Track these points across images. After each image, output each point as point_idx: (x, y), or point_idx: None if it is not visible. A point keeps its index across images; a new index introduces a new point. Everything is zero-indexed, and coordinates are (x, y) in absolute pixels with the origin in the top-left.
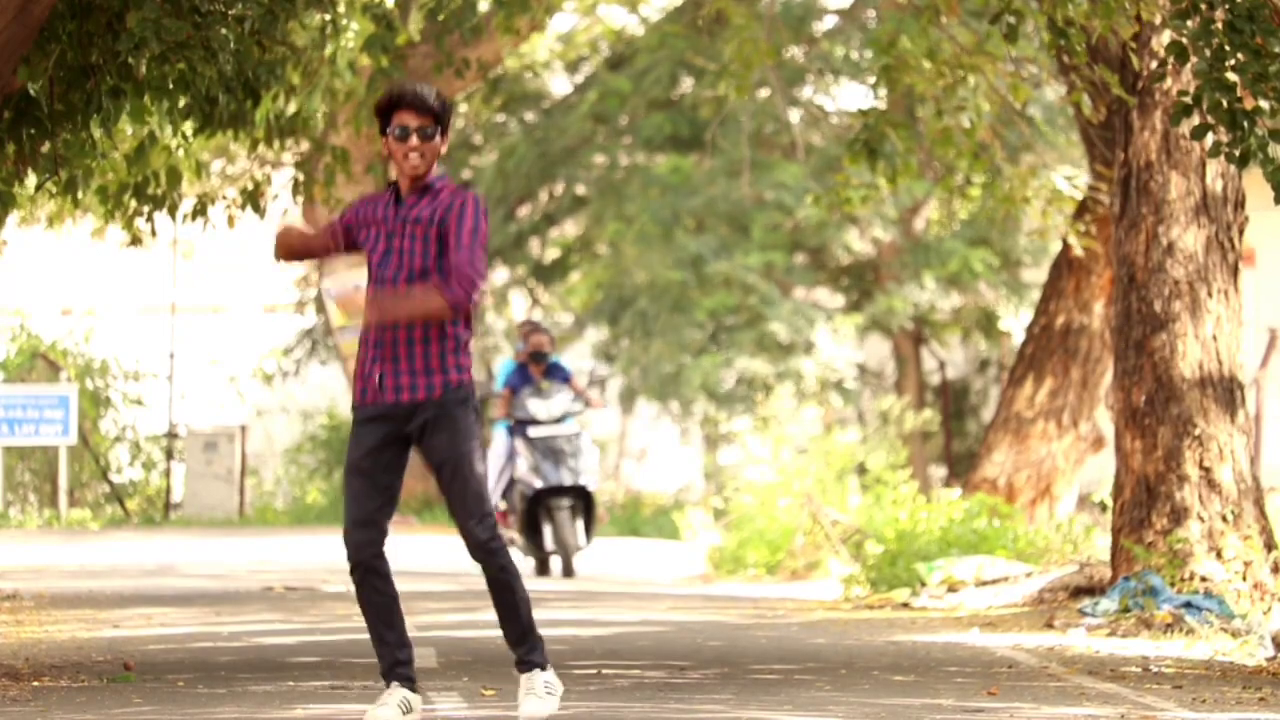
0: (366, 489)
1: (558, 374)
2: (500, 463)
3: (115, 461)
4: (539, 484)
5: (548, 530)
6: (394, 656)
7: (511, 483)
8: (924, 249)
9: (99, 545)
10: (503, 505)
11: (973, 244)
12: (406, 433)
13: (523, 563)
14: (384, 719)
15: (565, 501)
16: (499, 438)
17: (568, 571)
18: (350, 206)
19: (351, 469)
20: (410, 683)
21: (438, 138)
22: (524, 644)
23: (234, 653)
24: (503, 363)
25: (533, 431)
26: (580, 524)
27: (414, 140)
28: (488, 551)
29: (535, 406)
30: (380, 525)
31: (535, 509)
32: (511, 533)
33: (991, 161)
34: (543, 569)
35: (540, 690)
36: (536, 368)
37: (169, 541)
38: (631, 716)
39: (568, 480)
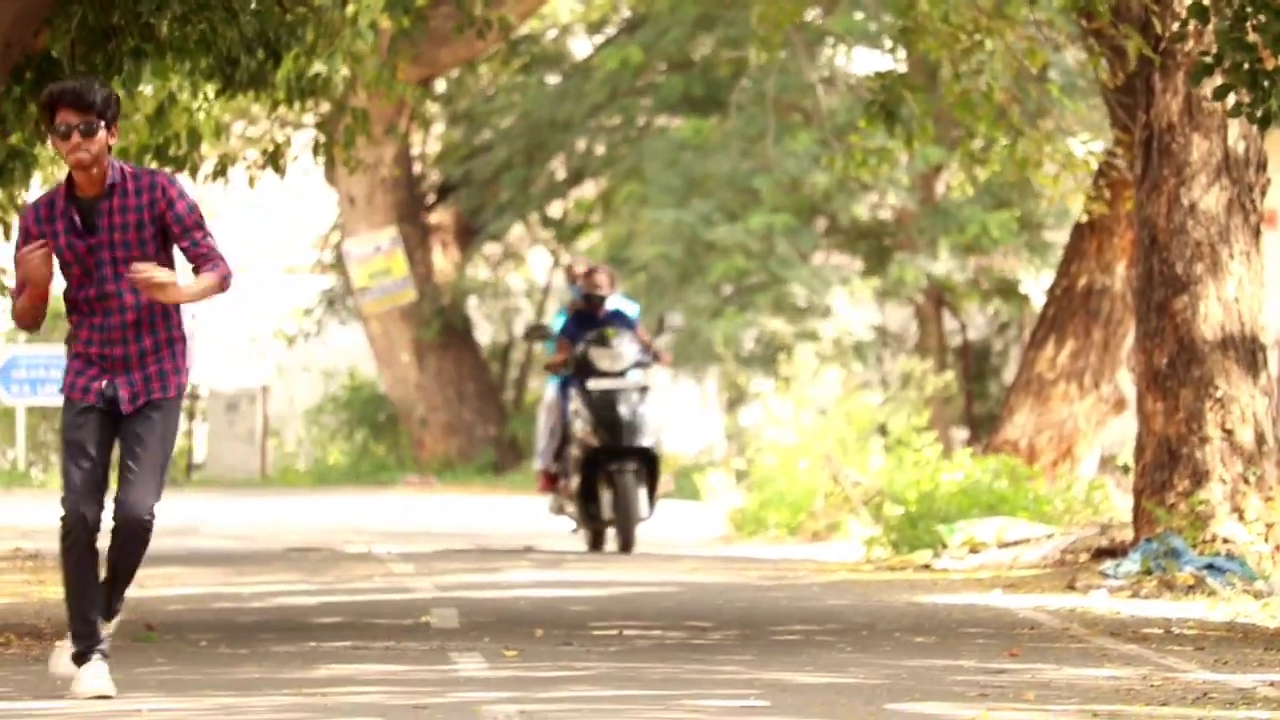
0: None
1: (621, 321)
2: (552, 420)
3: None
4: (597, 444)
5: (606, 498)
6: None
7: (565, 443)
8: (941, 214)
9: None
10: (554, 468)
11: (992, 208)
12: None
13: (573, 538)
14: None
15: (629, 465)
16: (549, 393)
17: (626, 546)
18: (24, 229)
19: None
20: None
21: (101, 132)
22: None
23: (256, 613)
24: (556, 314)
25: (592, 384)
26: (644, 491)
27: (76, 137)
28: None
29: (597, 355)
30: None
31: (593, 473)
32: (563, 500)
33: (1009, 125)
34: (597, 543)
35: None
36: (595, 312)
37: (191, 502)
38: (652, 677)
39: (631, 440)
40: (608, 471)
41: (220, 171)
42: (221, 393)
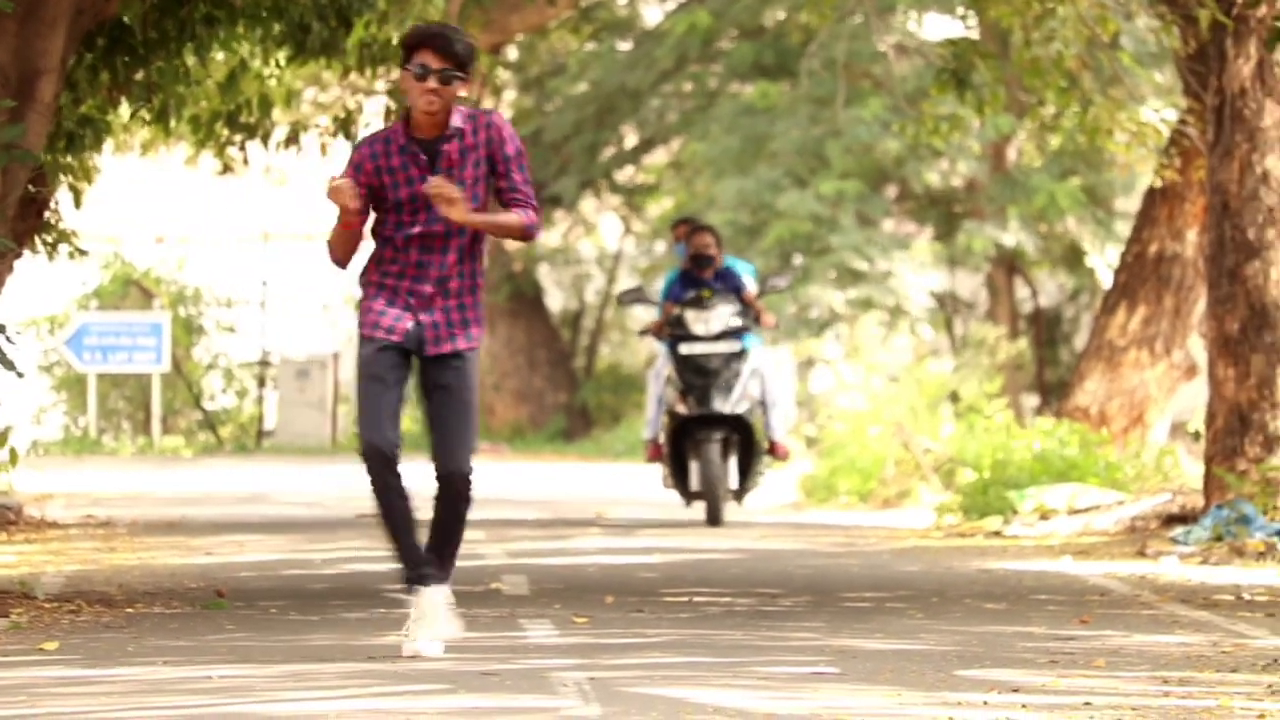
0: None
1: (728, 281)
2: (658, 387)
3: (208, 389)
4: (686, 412)
5: (694, 468)
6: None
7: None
8: (1010, 183)
9: (192, 473)
10: (661, 437)
11: (1059, 178)
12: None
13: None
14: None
15: (716, 434)
16: (661, 358)
17: (713, 519)
18: (357, 163)
19: None
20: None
21: (456, 83)
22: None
23: (326, 580)
24: (666, 273)
25: (684, 349)
26: (733, 463)
27: (432, 81)
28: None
29: (691, 319)
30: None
31: (682, 441)
32: (665, 469)
33: (1080, 93)
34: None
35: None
36: (702, 273)
37: (261, 469)
38: (723, 644)
39: (718, 408)
40: (695, 440)
41: (292, 138)
42: (292, 360)
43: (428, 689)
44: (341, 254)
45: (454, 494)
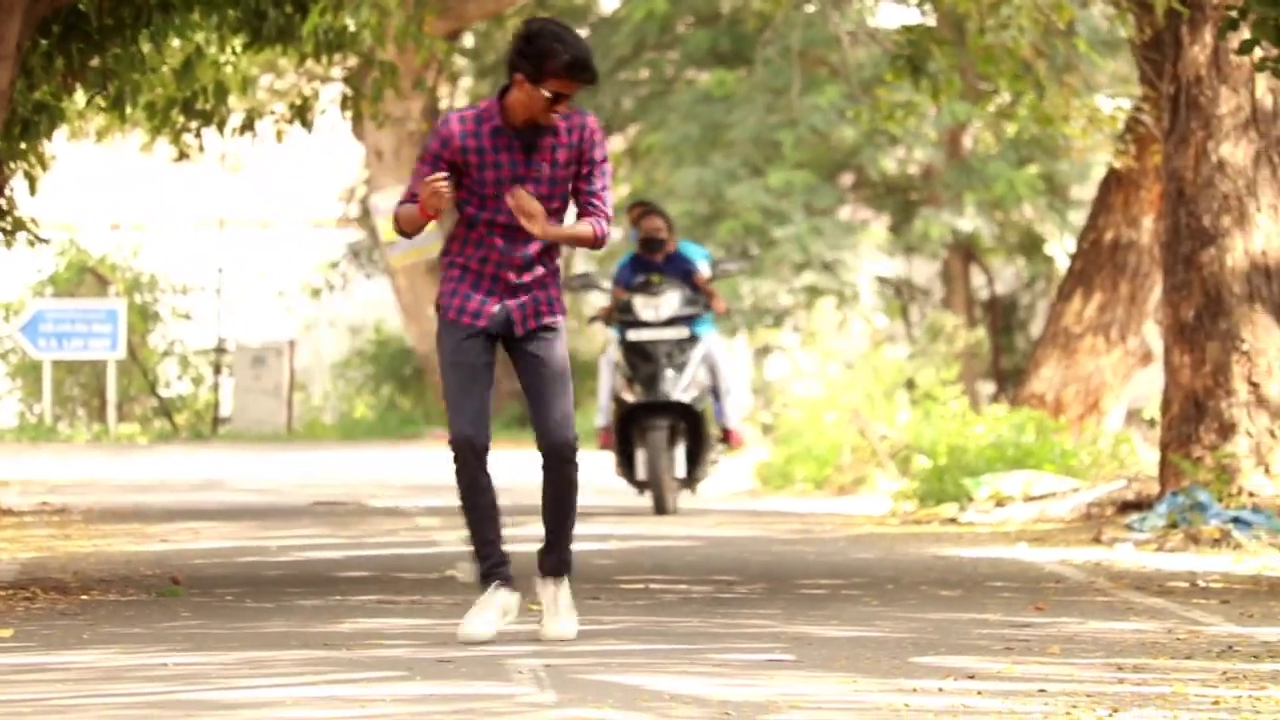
0: None
1: (679, 265)
2: (610, 374)
3: (164, 376)
4: (631, 399)
5: (641, 456)
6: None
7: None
8: (967, 171)
9: (147, 460)
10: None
11: (1016, 165)
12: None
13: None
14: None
15: (662, 422)
16: (611, 344)
17: (659, 508)
18: (445, 137)
19: None
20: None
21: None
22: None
23: (282, 567)
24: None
25: (631, 335)
26: (680, 451)
27: (563, 106)
28: None
29: (639, 304)
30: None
31: (629, 429)
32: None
33: (1035, 80)
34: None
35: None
36: (653, 257)
37: (217, 456)
38: (679, 631)
39: (665, 395)
40: (642, 428)
41: (247, 125)
42: (248, 347)
43: (383, 676)
44: (411, 230)
45: (561, 462)
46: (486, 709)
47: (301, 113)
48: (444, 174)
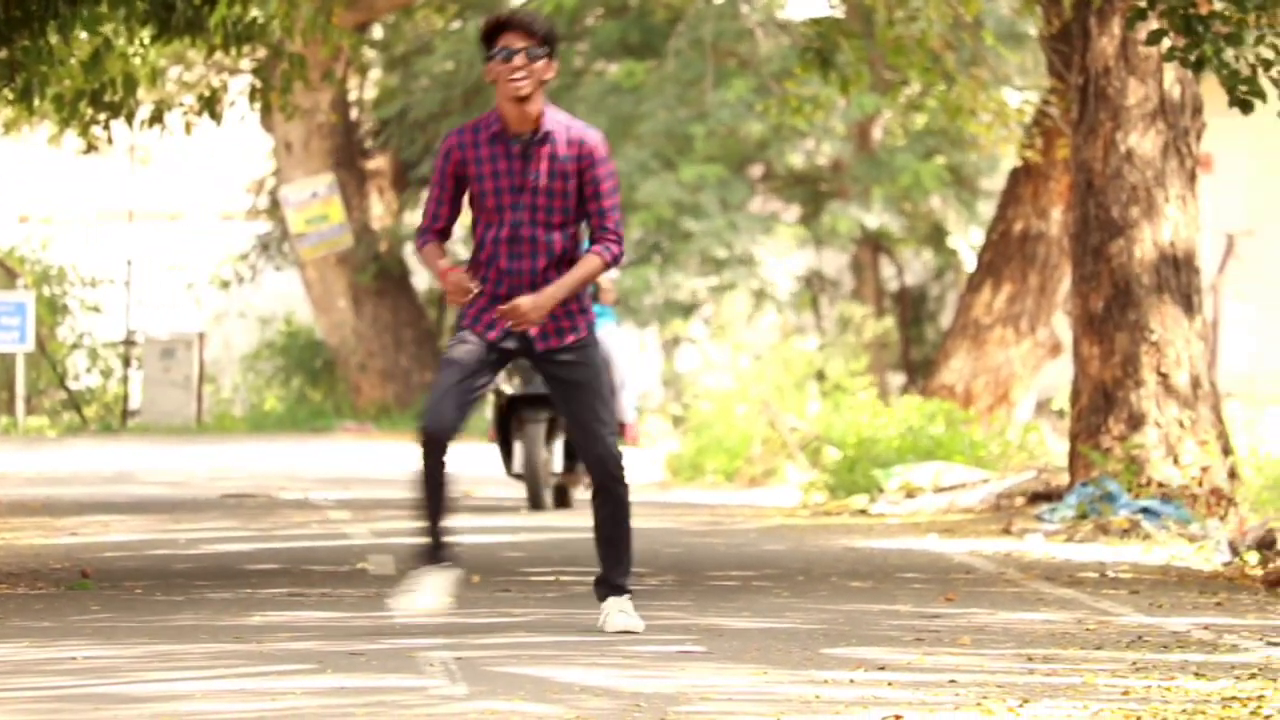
0: None
1: None
2: None
3: (73, 369)
4: (510, 391)
5: (518, 449)
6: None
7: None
8: (875, 163)
9: (56, 453)
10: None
11: (924, 158)
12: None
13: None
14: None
15: (541, 414)
16: None
17: (534, 503)
18: (444, 152)
19: None
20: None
21: (542, 62)
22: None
23: (191, 560)
24: None
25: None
26: (559, 445)
27: (519, 59)
28: None
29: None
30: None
31: (507, 421)
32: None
33: (943, 73)
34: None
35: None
36: None
37: (126, 449)
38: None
39: (543, 386)
40: (520, 420)
41: (156, 117)
42: (157, 339)
43: (294, 669)
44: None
45: (607, 478)
46: (398, 701)
47: (210, 105)
48: (478, 286)
